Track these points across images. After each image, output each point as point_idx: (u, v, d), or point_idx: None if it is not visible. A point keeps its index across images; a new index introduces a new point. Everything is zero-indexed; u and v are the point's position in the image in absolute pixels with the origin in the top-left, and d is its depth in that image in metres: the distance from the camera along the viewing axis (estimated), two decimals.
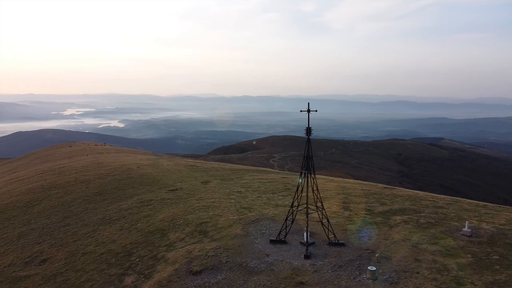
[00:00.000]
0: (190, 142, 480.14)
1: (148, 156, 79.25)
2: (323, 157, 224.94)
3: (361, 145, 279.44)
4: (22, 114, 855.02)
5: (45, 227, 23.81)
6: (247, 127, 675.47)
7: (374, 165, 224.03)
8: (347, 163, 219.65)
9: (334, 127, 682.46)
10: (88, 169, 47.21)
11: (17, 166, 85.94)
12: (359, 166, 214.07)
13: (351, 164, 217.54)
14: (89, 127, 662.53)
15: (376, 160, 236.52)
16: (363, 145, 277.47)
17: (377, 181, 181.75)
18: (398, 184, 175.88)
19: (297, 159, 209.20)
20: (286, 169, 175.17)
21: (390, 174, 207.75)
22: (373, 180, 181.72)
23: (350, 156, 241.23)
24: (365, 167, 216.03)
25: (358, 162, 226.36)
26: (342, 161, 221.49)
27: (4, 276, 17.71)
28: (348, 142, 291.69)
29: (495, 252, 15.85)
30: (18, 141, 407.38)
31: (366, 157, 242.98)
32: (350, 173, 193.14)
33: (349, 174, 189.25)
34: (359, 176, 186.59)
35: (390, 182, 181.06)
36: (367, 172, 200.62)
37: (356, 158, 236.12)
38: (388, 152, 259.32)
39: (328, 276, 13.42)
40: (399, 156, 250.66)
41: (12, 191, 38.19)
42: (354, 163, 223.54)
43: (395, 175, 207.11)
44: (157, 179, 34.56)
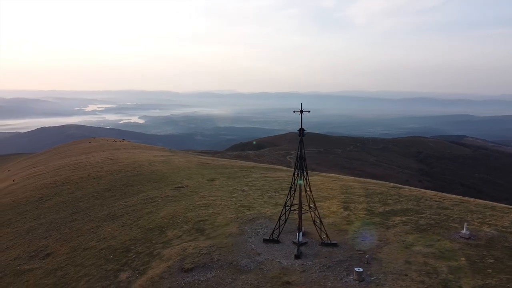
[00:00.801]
0: (209, 138, 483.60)
1: (163, 152, 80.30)
2: (340, 155, 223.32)
3: (381, 142, 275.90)
4: (46, 110, 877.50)
5: (53, 222, 24.62)
6: (265, 124, 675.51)
7: (393, 163, 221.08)
8: (365, 160, 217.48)
9: (353, 124, 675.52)
10: (102, 165, 48.26)
11: (37, 161, 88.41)
12: (378, 164, 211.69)
13: (369, 162, 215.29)
14: (110, 123, 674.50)
15: (395, 158, 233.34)
16: (382, 143, 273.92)
17: (396, 179, 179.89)
18: (417, 183, 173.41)
19: (314, 156, 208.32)
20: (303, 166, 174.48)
21: (409, 172, 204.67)
22: (392, 178, 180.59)
23: (369, 153, 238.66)
24: (384, 164, 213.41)
25: (377, 159, 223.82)
26: (360, 159, 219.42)
27: (10, 269, 18.47)
28: (367, 139, 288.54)
29: (491, 255, 15.63)
30: (42, 137, 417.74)
31: (385, 154, 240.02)
32: (367, 170, 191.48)
33: (366, 171, 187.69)
34: (377, 174, 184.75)
35: (409, 180, 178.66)
36: (385, 170, 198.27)
37: (375, 156, 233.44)
38: (408, 150, 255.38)
39: (315, 277, 13.53)
40: (419, 154, 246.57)
41: (28, 186, 39.48)
42: (372, 160, 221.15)
43: (414, 173, 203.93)
44: (166, 176, 35.13)
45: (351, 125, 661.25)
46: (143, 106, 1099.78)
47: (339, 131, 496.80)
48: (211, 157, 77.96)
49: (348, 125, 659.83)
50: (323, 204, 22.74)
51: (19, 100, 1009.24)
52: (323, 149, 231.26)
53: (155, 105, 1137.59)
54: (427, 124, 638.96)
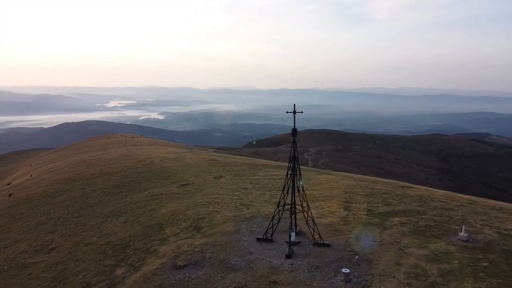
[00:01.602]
0: (227, 135, 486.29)
1: (178, 149, 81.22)
2: (359, 152, 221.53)
3: (400, 140, 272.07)
4: (69, 106, 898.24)
5: (61, 217, 25.41)
6: (284, 120, 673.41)
7: (412, 161, 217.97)
8: (384, 158, 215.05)
9: (373, 121, 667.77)
10: (116, 161, 49.27)
11: (57, 156, 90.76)
12: (397, 162, 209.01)
13: (388, 160, 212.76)
14: (130, 119, 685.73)
15: (415, 156, 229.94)
16: (402, 140, 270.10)
17: (415, 177, 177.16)
18: (437, 181, 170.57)
19: (332, 154, 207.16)
20: (320, 163, 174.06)
21: (429, 170, 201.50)
22: (411, 177, 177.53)
23: (388, 151, 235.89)
24: (403, 162, 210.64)
25: (396, 157, 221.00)
26: (379, 156, 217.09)
27: (15, 262, 19.21)
28: (386, 137, 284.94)
29: (487, 259, 15.41)
30: (65, 132, 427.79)
31: (405, 152, 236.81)
32: (386, 168, 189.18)
33: (385, 169, 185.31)
34: (396, 172, 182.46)
35: (428, 178, 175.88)
36: (404, 168, 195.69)
37: (394, 153, 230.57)
38: (428, 148, 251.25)
39: (302, 277, 13.64)
40: (440, 152, 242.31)
41: (43, 181, 40.70)
42: (391, 158, 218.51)
43: (434, 171, 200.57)
44: (175, 173, 35.67)
45: (370, 122, 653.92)
46: (163, 103, 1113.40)
47: (358, 128, 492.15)
48: (224, 154, 78.55)
49: (367, 122, 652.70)
50: (323, 203, 22.76)
51: (43, 96, 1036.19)
52: (341, 147, 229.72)
53: (175, 102, 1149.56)
54: (448, 122, 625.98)
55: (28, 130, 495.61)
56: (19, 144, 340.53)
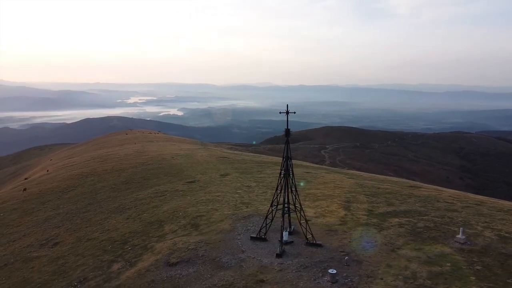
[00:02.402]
0: (246, 131, 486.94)
1: (193, 145, 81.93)
2: (377, 149, 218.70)
3: (420, 137, 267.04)
4: (90, 102, 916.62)
5: (68, 212, 26.17)
6: (302, 117, 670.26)
7: (432, 159, 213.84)
8: (403, 156, 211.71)
9: (393, 118, 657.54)
10: (129, 157, 50.18)
11: (76, 152, 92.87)
12: (416, 160, 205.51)
13: (407, 158, 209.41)
14: (150, 114, 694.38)
15: (436, 154, 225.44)
16: (422, 138, 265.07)
17: (435, 176, 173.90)
18: (458, 180, 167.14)
19: (350, 151, 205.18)
20: (337, 161, 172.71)
21: (450, 169, 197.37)
22: (431, 175, 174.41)
23: (407, 149, 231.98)
24: (423, 160, 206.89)
25: (415, 155, 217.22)
26: (398, 154, 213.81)
27: (20, 255, 19.96)
28: (406, 134, 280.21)
29: (481, 262, 15.19)
30: (86, 127, 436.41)
31: (425, 150, 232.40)
32: (405, 166, 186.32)
33: (403, 167, 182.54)
34: (415, 170, 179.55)
35: (449, 177, 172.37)
36: (424, 166, 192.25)
37: (413, 151, 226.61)
38: (449, 146, 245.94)
39: (289, 276, 13.76)
40: (461, 150, 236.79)
41: (57, 177, 41.85)
42: (410, 156, 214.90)
43: (455, 170, 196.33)
44: (183, 170, 36.14)
45: (390, 119, 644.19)
46: (182, 99, 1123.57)
47: (377, 125, 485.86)
48: (236, 151, 78.86)
49: (388, 119, 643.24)
50: (323, 203, 22.76)
51: (66, 92, 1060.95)
52: (359, 144, 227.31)
53: (194, 98, 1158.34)
54: (472, 119, 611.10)
55: (51, 125, 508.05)
56: (43, 139, 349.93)
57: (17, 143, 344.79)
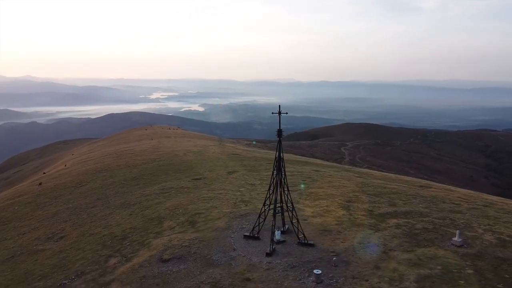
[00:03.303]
0: (266, 127, 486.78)
1: (209, 141, 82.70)
2: (399, 147, 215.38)
3: (444, 135, 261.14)
4: (114, 97, 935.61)
5: (77, 207, 27.03)
6: (323, 113, 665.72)
7: (457, 157, 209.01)
8: (425, 154, 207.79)
9: (418, 115, 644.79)
10: (143, 153, 51.18)
11: (96, 147, 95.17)
12: (439, 158, 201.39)
13: (429, 155, 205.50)
14: (172, 110, 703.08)
15: (460, 152, 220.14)
16: (446, 135, 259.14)
17: (459, 174, 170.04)
18: (483, 179, 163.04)
19: (370, 148, 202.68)
20: (357, 158, 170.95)
21: (474, 167, 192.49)
22: (454, 174, 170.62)
23: (430, 146, 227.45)
24: (446, 159, 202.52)
25: (439, 153, 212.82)
26: (420, 152, 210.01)
27: (27, 248, 20.81)
28: (429, 132, 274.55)
29: (474, 265, 14.98)
30: (110, 123, 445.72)
31: (449, 148, 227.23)
32: (427, 164, 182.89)
33: (426, 165, 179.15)
34: (438, 168, 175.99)
35: (473, 176, 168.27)
36: (447, 165, 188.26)
37: (437, 149, 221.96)
38: (474, 144, 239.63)
39: (275, 275, 13.93)
40: (487, 148, 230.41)
41: (73, 172, 43.14)
42: (433, 154, 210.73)
43: (480, 169, 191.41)
44: (192, 167, 36.66)
45: (414, 116, 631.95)
46: (204, 94, 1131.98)
47: (401, 122, 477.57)
48: (251, 148, 79.16)
49: (412, 116, 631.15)
50: (323, 202, 22.76)
51: (90, 88, 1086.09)
52: (380, 141, 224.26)
53: (215, 94, 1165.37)
54: (500, 116, 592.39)
55: (76, 120, 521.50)
56: (68, 134, 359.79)
57: (44, 137, 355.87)
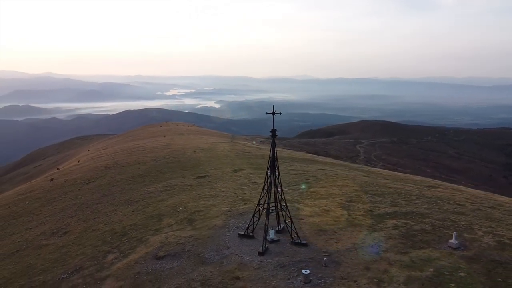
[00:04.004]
0: (282, 124, 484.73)
1: (221, 138, 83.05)
2: (416, 145, 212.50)
3: (463, 133, 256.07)
4: (132, 94, 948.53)
5: (83, 203, 27.66)
6: (340, 111, 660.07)
7: (475, 156, 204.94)
8: (443, 152, 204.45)
9: (437, 113, 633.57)
10: (154, 150, 51.82)
11: (110, 143, 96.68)
12: (457, 157, 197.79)
13: (447, 154, 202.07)
14: (188, 107, 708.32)
15: (479, 151, 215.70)
16: (465, 134, 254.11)
17: (477, 173, 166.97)
18: (501, 178, 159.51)
19: (386, 146, 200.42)
20: (373, 156, 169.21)
21: (493, 167, 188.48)
22: (472, 172, 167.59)
23: (448, 145, 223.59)
24: (465, 157, 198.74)
25: (457, 152, 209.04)
26: (438, 150, 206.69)
27: (32, 243, 21.46)
28: (447, 130, 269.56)
29: (467, 268, 14.82)
30: (127, 119, 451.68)
31: (467, 146, 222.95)
32: (445, 163, 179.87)
33: (443, 164, 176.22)
34: (456, 167, 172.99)
35: (492, 175, 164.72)
36: (465, 163, 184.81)
37: (455, 148, 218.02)
38: (493, 142, 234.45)
39: (265, 275, 14.07)
40: (507, 147, 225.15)
41: (84, 168, 44.03)
42: (451, 152, 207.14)
43: (499, 168, 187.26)
44: (199, 164, 37.00)
45: (433, 113, 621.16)
46: (220, 91, 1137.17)
47: (419, 119, 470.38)
48: (262, 145, 79.11)
49: (430, 113, 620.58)
50: (323, 201, 22.75)
51: (109, 85, 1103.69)
52: (396, 139, 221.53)
53: (231, 90, 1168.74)
54: None
55: (95, 116, 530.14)
56: (87, 130, 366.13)
57: (63, 133, 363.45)
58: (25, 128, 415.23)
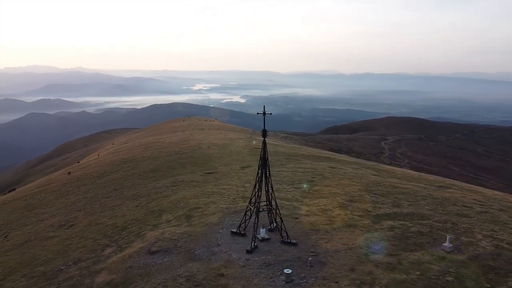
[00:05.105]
0: (306, 120, 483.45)
1: (240, 134, 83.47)
2: (443, 142, 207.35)
3: (495, 130, 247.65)
4: (159, 88, 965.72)
5: (94, 197, 28.63)
6: (366, 106, 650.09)
7: (507, 154, 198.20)
8: (471, 150, 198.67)
9: (467, 109, 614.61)
10: (170, 146, 52.78)
11: (133, 137, 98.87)
12: (487, 155, 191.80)
13: (476, 152, 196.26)
14: (213, 101, 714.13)
15: (510, 149, 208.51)
16: (496, 131, 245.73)
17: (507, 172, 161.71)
18: None
19: (412, 143, 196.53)
20: (397, 153, 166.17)
21: None
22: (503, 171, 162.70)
23: (478, 142, 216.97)
24: (495, 156, 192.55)
25: (487, 150, 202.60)
26: (466, 148, 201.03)
27: (40, 235, 22.46)
28: (477, 127, 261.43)
29: (457, 273, 14.62)
30: (154, 113, 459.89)
31: (499, 145, 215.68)
32: (473, 161, 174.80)
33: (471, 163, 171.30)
34: (485, 166, 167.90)
35: None
36: (496, 162, 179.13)
37: (485, 146, 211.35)
38: None
39: (248, 273, 14.31)
40: None
41: (101, 162, 45.37)
42: (480, 150, 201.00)
43: None
44: (210, 161, 37.49)
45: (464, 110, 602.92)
46: (245, 86, 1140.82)
47: (448, 116, 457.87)
48: (278, 141, 79.14)
49: (460, 110, 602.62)
50: (323, 201, 22.75)
51: (136, 79, 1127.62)
52: (423, 136, 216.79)
53: (256, 85, 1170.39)
54: None
55: (122, 110, 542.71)
56: (114, 123, 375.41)
57: (92, 126, 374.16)
58: (56, 121, 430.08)
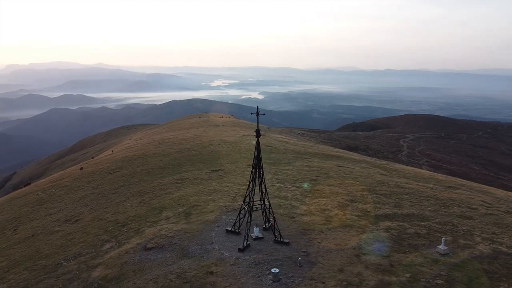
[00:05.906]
0: (325, 116, 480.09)
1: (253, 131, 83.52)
2: (465, 141, 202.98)
3: None
4: (178, 84, 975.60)
5: (101, 192, 29.31)
6: (387, 103, 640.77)
7: None
8: (494, 149, 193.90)
9: (492, 107, 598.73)
10: (182, 142, 53.43)
11: (149, 133, 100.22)
12: (510, 154, 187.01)
13: (499, 151, 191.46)
14: (232, 97, 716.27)
15: None
16: None
17: None
18: None
19: (432, 141, 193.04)
20: (416, 151, 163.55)
21: None
22: None
23: (501, 141, 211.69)
24: None
25: (510, 148, 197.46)
26: (489, 147, 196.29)
27: (46, 229, 23.17)
28: (501, 125, 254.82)
29: (448, 276, 14.50)
30: (173, 109, 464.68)
31: None
32: (496, 160, 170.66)
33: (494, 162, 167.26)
34: (508, 165, 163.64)
35: None
36: None
37: (509, 144, 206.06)
38: None
39: (237, 271, 14.51)
40: None
41: (113, 158, 46.30)
42: (503, 149, 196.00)
43: None
44: (218, 158, 37.83)
45: (487, 107, 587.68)
46: (264, 82, 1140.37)
47: (471, 114, 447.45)
48: (292, 138, 78.94)
49: (484, 107, 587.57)
50: (323, 200, 22.74)
51: (157, 75, 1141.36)
52: (444, 134, 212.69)
53: (275, 82, 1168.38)
54: None
55: (142, 106, 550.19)
56: (134, 119, 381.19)
57: (113, 121, 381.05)
58: (78, 116, 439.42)
